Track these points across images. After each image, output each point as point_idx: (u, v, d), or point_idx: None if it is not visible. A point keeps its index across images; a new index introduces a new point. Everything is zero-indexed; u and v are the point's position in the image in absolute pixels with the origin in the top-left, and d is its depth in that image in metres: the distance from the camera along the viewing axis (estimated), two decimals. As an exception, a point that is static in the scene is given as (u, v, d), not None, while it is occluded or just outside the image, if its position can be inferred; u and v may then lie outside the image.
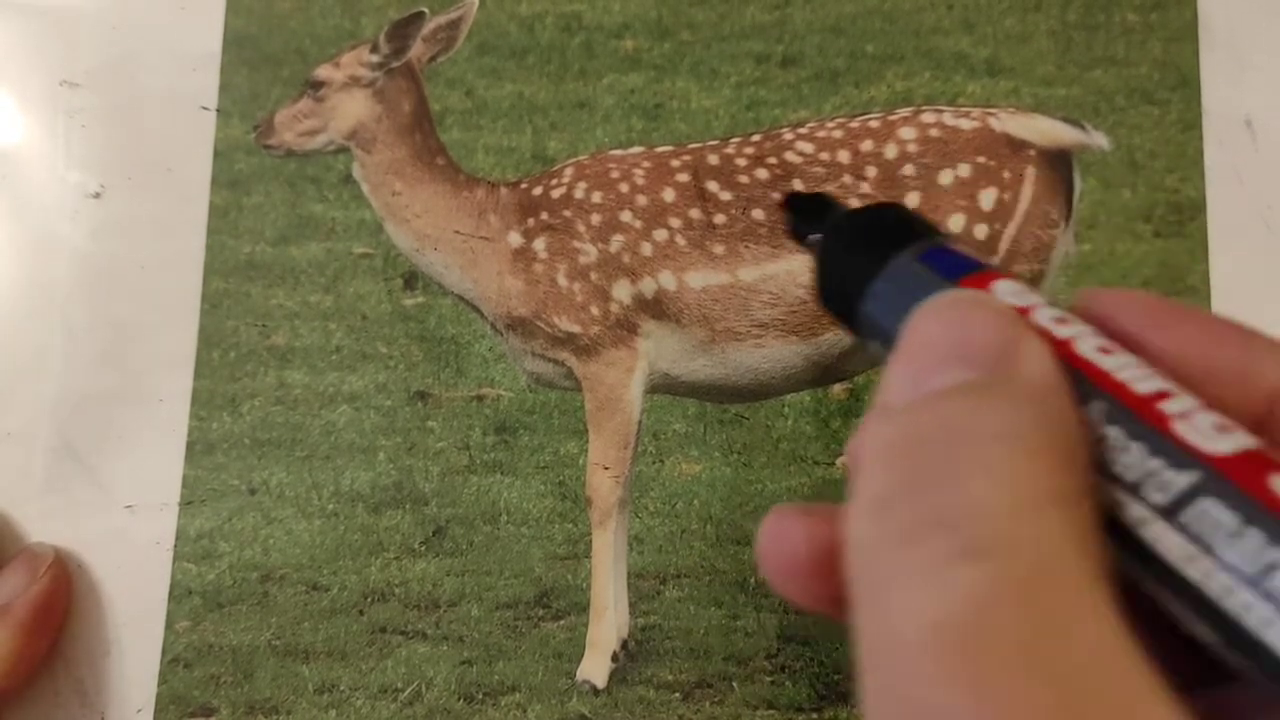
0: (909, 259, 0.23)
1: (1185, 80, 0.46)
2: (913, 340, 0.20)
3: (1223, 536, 0.17)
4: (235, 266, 0.47)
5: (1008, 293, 0.21)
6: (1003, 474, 0.17)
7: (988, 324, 0.20)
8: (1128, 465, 0.19)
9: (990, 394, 0.19)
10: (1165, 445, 0.18)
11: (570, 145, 0.48)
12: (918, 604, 0.16)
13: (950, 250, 0.22)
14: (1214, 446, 0.18)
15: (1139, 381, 0.19)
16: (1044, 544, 0.16)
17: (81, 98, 0.48)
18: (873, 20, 0.48)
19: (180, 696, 0.43)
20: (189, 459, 0.45)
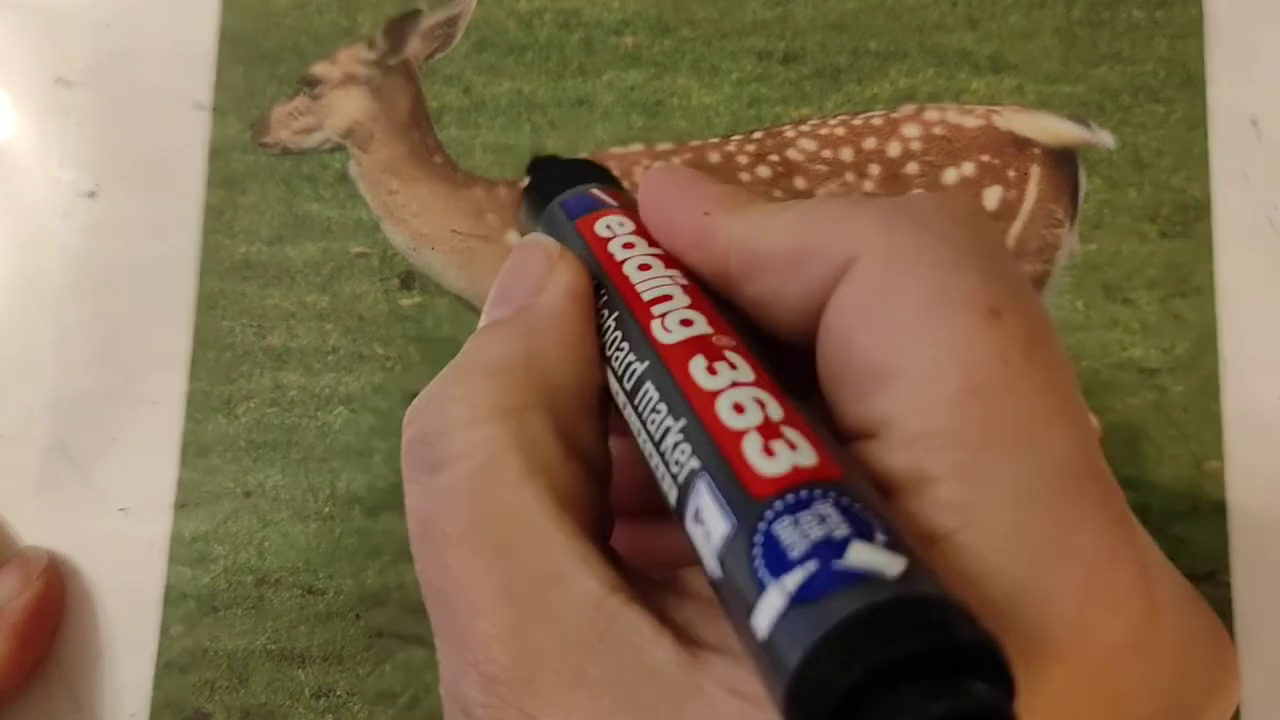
0: (556, 205, 0.26)
1: (1191, 78, 0.46)
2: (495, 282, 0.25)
3: (649, 412, 0.21)
4: (230, 266, 0.46)
5: (604, 226, 0.25)
6: (466, 396, 0.21)
7: (523, 264, 0.24)
8: (619, 360, 0.22)
9: (496, 327, 0.23)
10: (640, 341, 0.22)
11: (569, 143, 0.47)
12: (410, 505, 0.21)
13: (587, 195, 0.26)
14: (666, 338, 0.21)
15: (650, 291, 0.23)
16: (485, 450, 0.20)
17: (75, 96, 0.48)
18: (875, 17, 0.47)
19: (175, 701, 0.43)
20: (183, 461, 0.45)
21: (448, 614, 0.20)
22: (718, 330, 0.22)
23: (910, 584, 0.16)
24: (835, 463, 0.18)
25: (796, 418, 0.19)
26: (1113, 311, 0.44)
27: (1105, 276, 0.44)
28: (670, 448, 0.20)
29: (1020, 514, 0.18)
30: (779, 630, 0.16)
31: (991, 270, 0.20)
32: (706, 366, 0.20)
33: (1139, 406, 0.43)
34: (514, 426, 0.21)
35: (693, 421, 0.20)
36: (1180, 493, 0.42)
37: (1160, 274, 0.44)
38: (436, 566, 0.21)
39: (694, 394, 0.20)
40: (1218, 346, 0.43)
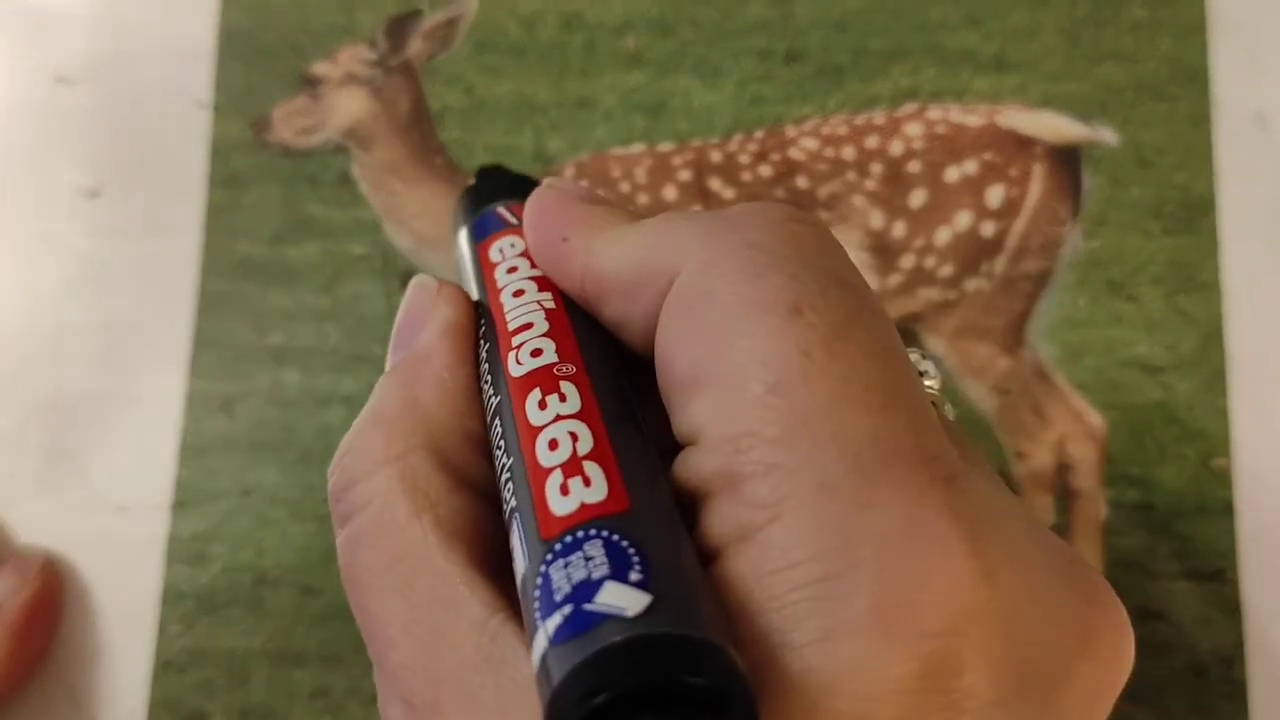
0: (468, 228, 0.26)
1: (1194, 75, 0.46)
2: None
3: (495, 448, 0.21)
4: (231, 266, 0.46)
5: (496, 250, 0.25)
6: (362, 447, 0.23)
7: (409, 304, 0.25)
8: (487, 394, 0.23)
9: (386, 376, 0.24)
10: (499, 374, 0.22)
11: (571, 144, 0.47)
12: (338, 555, 0.23)
13: (493, 215, 0.26)
14: (516, 371, 0.22)
15: (516, 319, 0.23)
16: (380, 497, 0.22)
17: (76, 95, 0.48)
18: (877, 16, 0.47)
19: (172, 701, 0.42)
20: (182, 460, 0.44)
21: (372, 649, 0.22)
22: (563, 357, 0.22)
23: (650, 622, 0.16)
24: (625, 492, 0.19)
25: (605, 446, 0.20)
26: (1117, 308, 0.44)
27: (1109, 273, 0.44)
28: (504, 485, 0.21)
29: (817, 505, 0.18)
30: (545, 668, 0.17)
31: (797, 271, 0.20)
32: (539, 400, 0.21)
33: (1144, 404, 0.43)
34: (399, 470, 0.22)
35: (518, 459, 0.20)
36: (1187, 491, 0.42)
37: (1164, 271, 0.44)
38: (358, 608, 0.22)
39: (524, 430, 0.20)
40: (1224, 343, 0.43)
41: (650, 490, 0.19)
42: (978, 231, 0.44)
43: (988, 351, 0.44)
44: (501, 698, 0.19)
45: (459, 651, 0.20)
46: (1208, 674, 0.40)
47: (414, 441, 0.22)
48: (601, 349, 0.23)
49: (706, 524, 0.19)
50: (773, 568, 0.18)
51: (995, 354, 0.44)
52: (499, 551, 0.22)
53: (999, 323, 0.44)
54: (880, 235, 0.44)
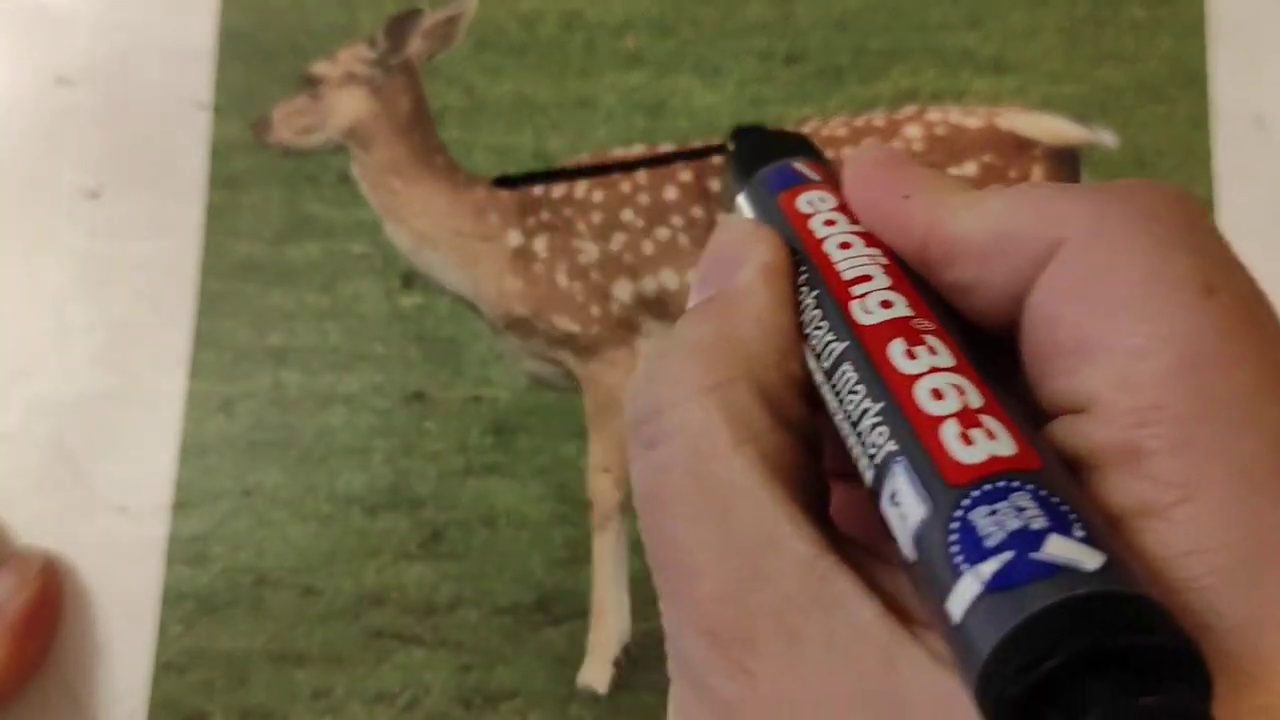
0: (758, 178, 0.26)
1: (1193, 77, 0.46)
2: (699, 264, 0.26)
3: (846, 392, 0.21)
4: (232, 266, 0.46)
5: (805, 202, 0.25)
6: (673, 375, 0.22)
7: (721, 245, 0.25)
8: (818, 339, 0.23)
9: (698, 309, 0.24)
10: (838, 321, 0.22)
11: (571, 144, 0.47)
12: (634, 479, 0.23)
13: (790, 169, 0.26)
14: (865, 319, 0.22)
15: (850, 270, 0.23)
16: (696, 424, 0.21)
17: (76, 95, 0.48)
18: (878, 16, 0.47)
19: (173, 702, 0.43)
20: (183, 460, 0.44)
21: (671, 578, 0.21)
22: (918, 313, 0.22)
23: (1108, 580, 0.16)
24: (1034, 453, 0.19)
25: (995, 406, 0.20)
26: (1116, 311, 0.44)
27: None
28: (868, 429, 0.20)
29: (1238, 491, 0.18)
30: (973, 616, 0.17)
31: (1203, 248, 0.20)
32: (905, 350, 0.21)
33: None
34: (721, 400, 0.22)
35: (890, 405, 0.20)
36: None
37: (1164, 273, 0.44)
38: (659, 535, 0.22)
39: (892, 377, 0.20)
40: (1222, 345, 0.43)
41: (1050, 453, 0.19)
42: (977, 233, 0.44)
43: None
44: (832, 640, 0.19)
45: (781, 589, 0.20)
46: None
47: (734, 373, 0.22)
48: (945, 311, 0.23)
49: (1100, 495, 0.19)
50: (1190, 547, 0.18)
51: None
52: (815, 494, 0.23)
53: (998, 324, 0.44)
54: (880, 236, 0.44)
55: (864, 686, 0.19)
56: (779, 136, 0.28)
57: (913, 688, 0.18)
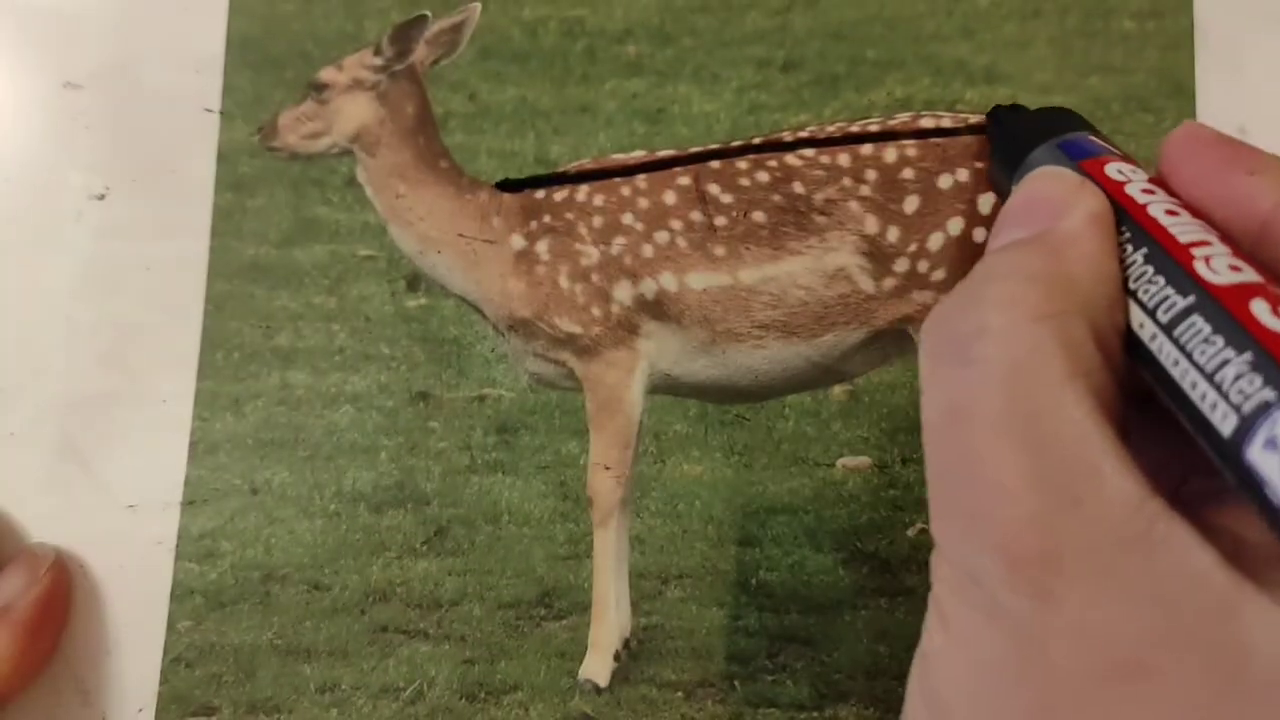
0: (1051, 144, 0.27)
1: (1181, 88, 0.47)
2: (1005, 206, 0.26)
3: (1198, 342, 0.22)
4: (239, 268, 0.47)
5: (1115, 171, 0.26)
6: (1003, 299, 0.22)
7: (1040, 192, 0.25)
8: (1151, 293, 0.23)
9: (1022, 244, 0.24)
10: (1180, 278, 0.22)
11: (573, 149, 0.48)
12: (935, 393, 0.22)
13: (1085, 140, 0.27)
14: (1215, 278, 0.22)
15: (1185, 234, 0.23)
16: (1026, 348, 0.21)
17: (84, 99, 0.49)
18: (873, 26, 0.48)
19: (182, 696, 0.43)
20: (191, 459, 0.45)
21: (968, 495, 0.21)
22: (1267, 280, 0.22)
23: None
24: None
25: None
26: (1105, 314, 0.45)
27: (1098, 280, 0.45)
28: (1229, 379, 0.21)
29: None
30: None
31: None
32: (1270, 309, 0.21)
33: (1131, 407, 0.44)
34: (1056, 328, 0.22)
35: (1261, 355, 0.20)
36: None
37: (1151, 278, 0.45)
38: (961, 451, 0.21)
39: (1260, 332, 0.21)
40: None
41: None
42: (970, 237, 0.45)
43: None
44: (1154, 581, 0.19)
45: (1102, 523, 0.20)
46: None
47: (1070, 306, 0.22)
48: None
49: None
50: None
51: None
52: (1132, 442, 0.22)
53: (990, 327, 0.45)
54: (875, 240, 0.45)
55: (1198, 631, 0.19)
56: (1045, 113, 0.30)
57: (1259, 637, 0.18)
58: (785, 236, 0.45)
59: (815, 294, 0.45)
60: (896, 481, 0.44)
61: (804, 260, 0.45)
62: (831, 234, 0.45)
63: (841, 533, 0.44)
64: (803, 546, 0.44)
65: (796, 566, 0.44)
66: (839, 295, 0.45)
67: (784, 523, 0.44)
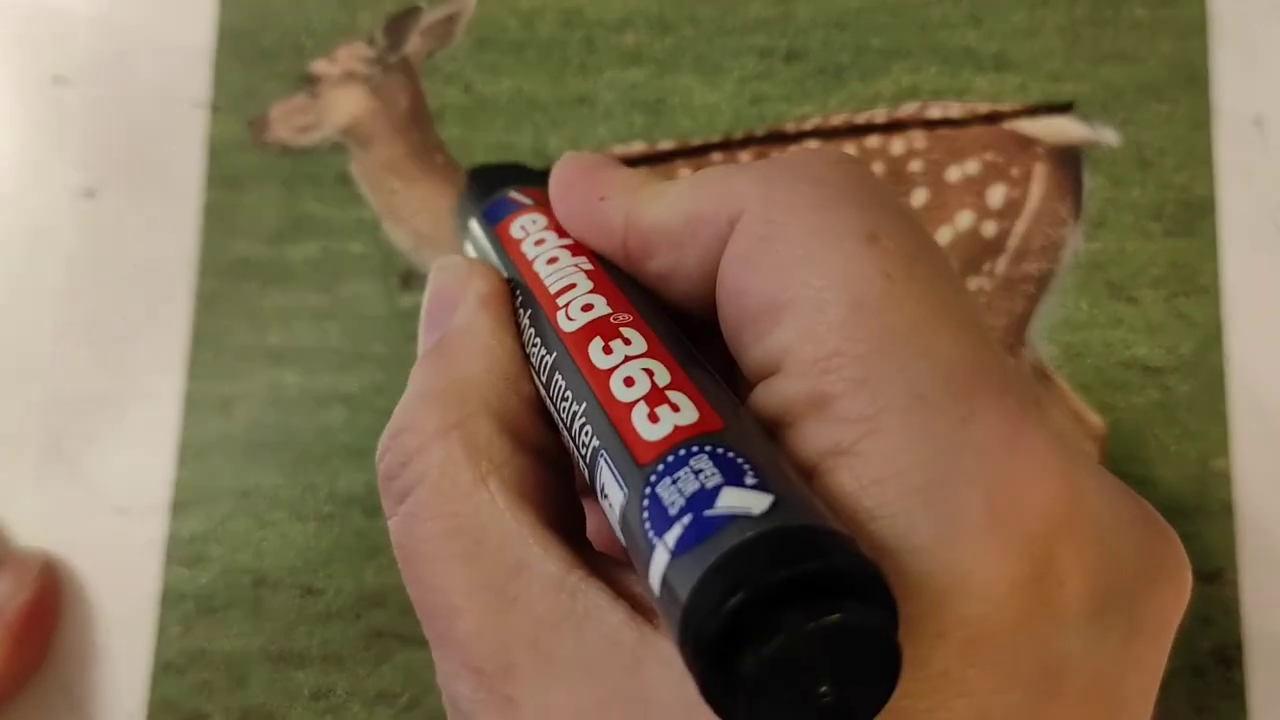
0: (479, 214, 0.27)
1: (1195, 77, 0.46)
2: None
3: (559, 400, 0.22)
4: (230, 266, 0.46)
5: (519, 227, 0.26)
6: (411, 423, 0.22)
7: (438, 287, 0.25)
8: (536, 355, 0.23)
9: (424, 356, 0.24)
10: (549, 333, 0.23)
11: (571, 142, 0.47)
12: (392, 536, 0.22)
13: (504, 199, 0.27)
14: (568, 326, 0.22)
15: (556, 283, 0.23)
16: (438, 466, 0.22)
17: (72, 94, 0.48)
18: (878, 14, 0.47)
19: (172, 703, 0.42)
20: (181, 461, 0.44)
21: (433, 623, 0.22)
22: (616, 309, 0.22)
23: (778, 517, 0.17)
24: (716, 414, 0.19)
25: (684, 379, 0.20)
26: (1117, 310, 0.44)
27: (1109, 275, 0.44)
28: (578, 431, 0.21)
29: (915, 416, 0.19)
30: (668, 584, 0.17)
31: (867, 203, 0.21)
32: (603, 346, 0.21)
33: (1144, 405, 0.43)
34: (458, 437, 0.22)
35: (592, 403, 0.21)
36: (1186, 491, 0.42)
37: (1165, 273, 0.44)
38: (418, 583, 0.22)
39: (591, 375, 0.21)
40: (1223, 345, 0.43)
41: (737, 412, 0.20)
42: (979, 231, 0.44)
43: (988, 352, 0.44)
44: (584, 654, 0.19)
45: (534, 612, 0.20)
46: (1207, 674, 0.40)
47: (470, 409, 0.22)
48: (648, 301, 0.23)
49: (796, 445, 0.20)
50: (877, 476, 0.19)
51: (996, 354, 0.44)
52: (566, 514, 0.23)
53: (1000, 323, 0.44)
54: (881, 235, 0.44)
55: (614, 691, 0.19)
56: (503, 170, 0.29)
57: (657, 683, 0.19)
58: None
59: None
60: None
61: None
62: (836, 228, 0.44)
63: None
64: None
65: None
66: (844, 292, 0.44)
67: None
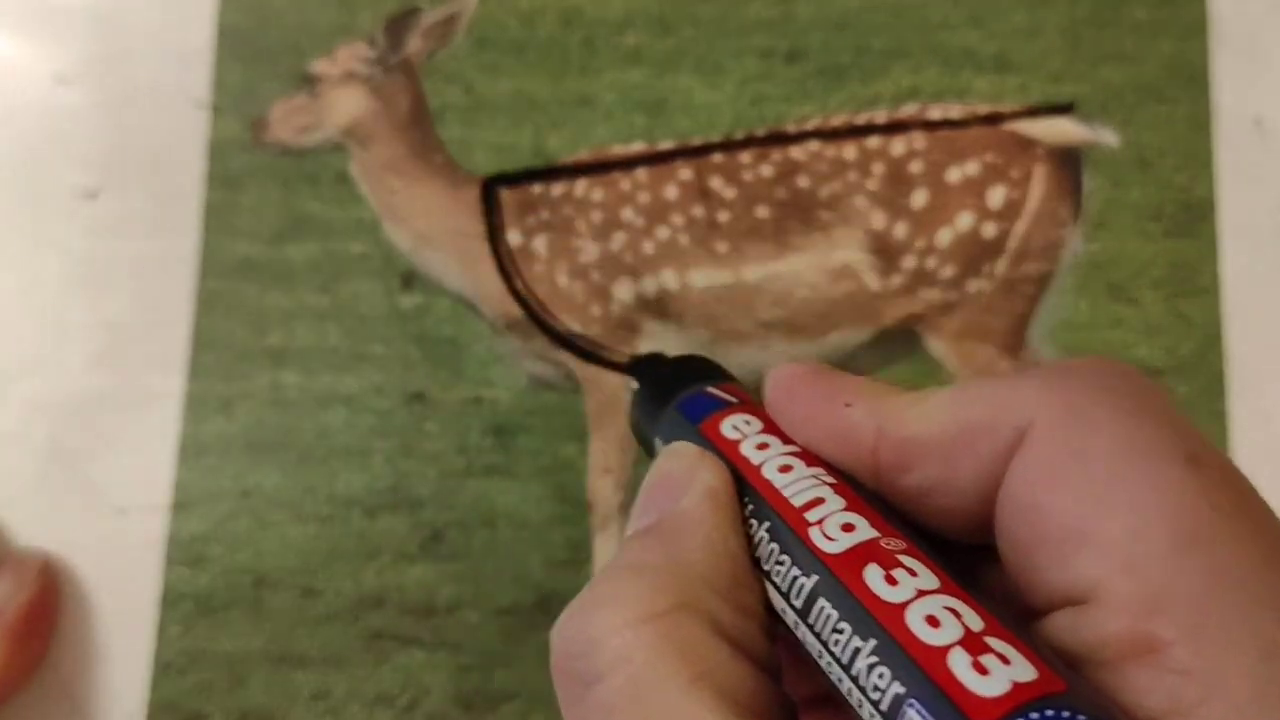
0: (672, 409, 0.26)
1: (1195, 78, 0.46)
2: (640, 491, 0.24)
3: (829, 632, 0.20)
4: (230, 266, 0.46)
5: (730, 427, 0.24)
6: (611, 601, 0.20)
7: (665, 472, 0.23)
8: (782, 575, 0.21)
9: (638, 534, 0.22)
10: (802, 554, 0.21)
11: (571, 142, 0.47)
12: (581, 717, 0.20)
13: (704, 395, 0.25)
14: (830, 547, 0.20)
15: (799, 495, 0.22)
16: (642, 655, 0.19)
17: (74, 94, 0.48)
18: (878, 15, 0.47)
19: (172, 703, 0.42)
20: (182, 461, 0.44)
21: None
22: (884, 532, 0.20)
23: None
24: (1054, 673, 0.17)
25: (997, 625, 0.18)
26: (1117, 311, 0.44)
27: (1109, 276, 0.44)
28: (864, 671, 0.19)
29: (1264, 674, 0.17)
30: None
31: (1175, 419, 0.20)
32: (884, 576, 0.19)
33: (1144, 407, 0.43)
34: (668, 627, 0.20)
35: (884, 640, 0.19)
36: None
37: (1165, 273, 0.44)
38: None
39: (878, 609, 0.19)
40: (1223, 346, 0.43)
41: (1062, 664, 0.18)
42: (979, 233, 0.44)
43: (989, 353, 0.44)
44: None
45: None
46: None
47: (682, 599, 0.20)
48: (903, 522, 0.21)
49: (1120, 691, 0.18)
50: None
51: (996, 355, 0.44)
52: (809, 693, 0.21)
53: (1001, 324, 0.44)
54: (882, 236, 0.44)
55: None
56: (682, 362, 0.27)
57: None
58: (789, 232, 0.44)
59: (820, 292, 0.44)
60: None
61: (809, 257, 0.44)
62: (837, 230, 0.44)
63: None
64: (807, 551, 0.43)
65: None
66: (845, 293, 0.44)
67: (788, 526, 0.43)
